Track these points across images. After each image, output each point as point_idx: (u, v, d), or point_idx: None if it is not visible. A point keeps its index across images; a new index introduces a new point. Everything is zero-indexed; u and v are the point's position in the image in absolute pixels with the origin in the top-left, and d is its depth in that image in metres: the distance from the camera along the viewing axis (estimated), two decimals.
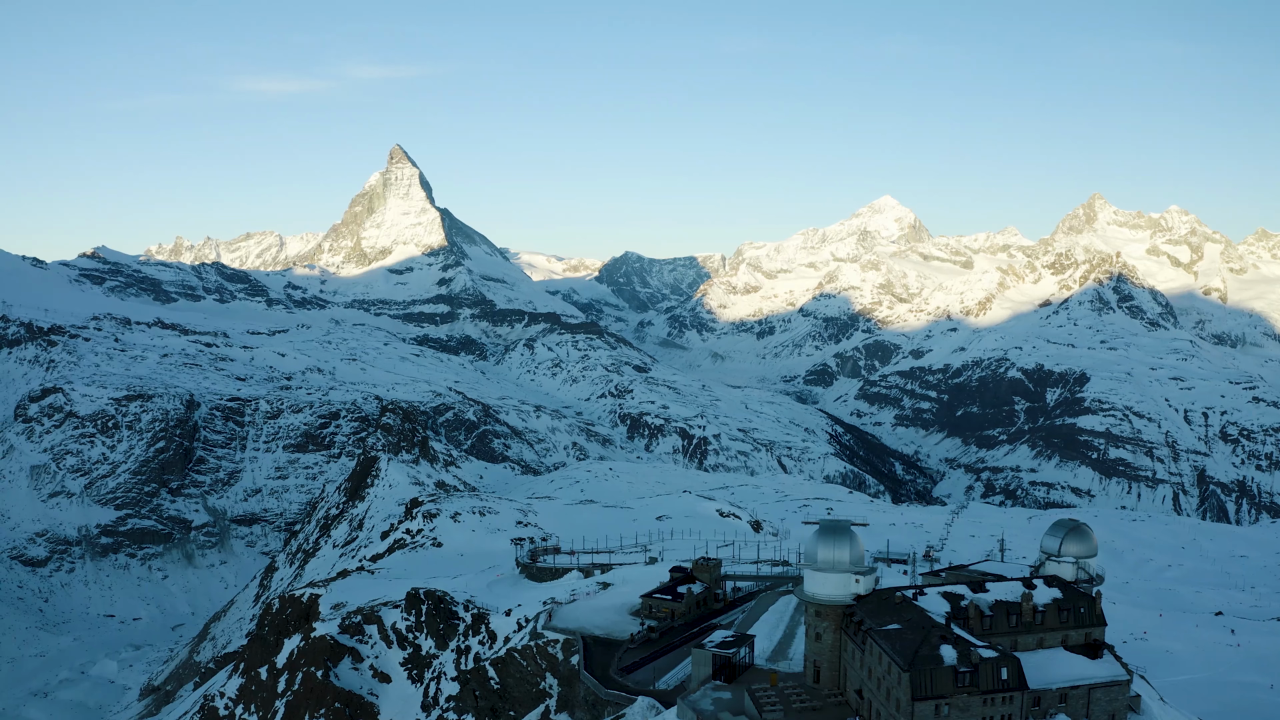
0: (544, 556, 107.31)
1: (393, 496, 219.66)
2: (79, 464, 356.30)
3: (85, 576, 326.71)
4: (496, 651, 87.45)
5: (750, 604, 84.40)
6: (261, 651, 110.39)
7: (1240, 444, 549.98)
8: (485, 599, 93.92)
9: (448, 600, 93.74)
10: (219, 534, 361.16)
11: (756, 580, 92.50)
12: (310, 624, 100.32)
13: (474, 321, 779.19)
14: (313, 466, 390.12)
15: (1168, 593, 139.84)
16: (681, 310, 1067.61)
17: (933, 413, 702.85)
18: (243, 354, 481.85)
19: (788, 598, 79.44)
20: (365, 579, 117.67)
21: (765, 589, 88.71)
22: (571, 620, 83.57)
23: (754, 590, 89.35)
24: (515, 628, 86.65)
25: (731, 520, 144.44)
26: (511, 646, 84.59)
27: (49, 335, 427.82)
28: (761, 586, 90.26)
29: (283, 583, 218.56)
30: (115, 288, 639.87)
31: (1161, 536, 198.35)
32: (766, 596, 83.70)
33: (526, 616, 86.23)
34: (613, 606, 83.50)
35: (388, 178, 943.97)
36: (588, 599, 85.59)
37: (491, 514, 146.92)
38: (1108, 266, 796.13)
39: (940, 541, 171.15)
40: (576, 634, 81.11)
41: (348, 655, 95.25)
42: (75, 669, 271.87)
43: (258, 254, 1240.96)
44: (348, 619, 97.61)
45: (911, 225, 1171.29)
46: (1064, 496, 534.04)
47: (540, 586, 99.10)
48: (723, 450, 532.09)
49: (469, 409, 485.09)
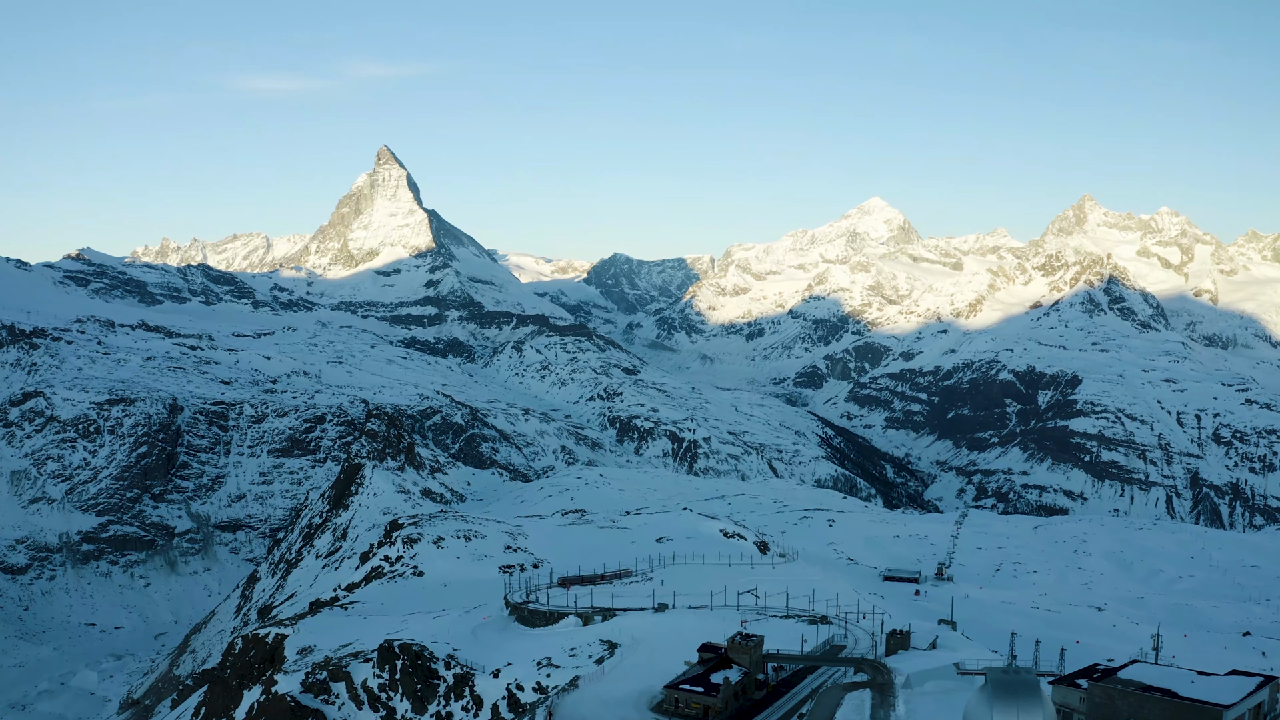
0: (536, 594, 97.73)
1: (377, 505, 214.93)
2: (60, 469, 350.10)
3: (66, 584, 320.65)
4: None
5: (800, 691, 68.63)
6: (222, 697, 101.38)
7: (1233, 446, 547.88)
8: (470, 652, 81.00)
9: (426, 655, 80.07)
10: (202, 540, 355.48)
11: (804, 659, 73.66)
12: (273, 675, 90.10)
13: (462, 323, 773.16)
14: (298, 471, 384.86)
15: (1185, 608, 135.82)
16: (670, 312, 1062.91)
17: (923, 415, 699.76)
18: (228, 357, 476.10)
19: (860, 695, 65.10)
20: (337, 616, 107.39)
21: (811, 665, 72.80)
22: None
23: (799, 670, 72.45)
24: (504, 695, 77.28)
25: (736, 541, 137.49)
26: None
27: (31, 338, 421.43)
28: (808, 664, 73.55)
29: (264, 594, 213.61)
30: (100, 290, 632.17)
31: (1169, 546, 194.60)
32: (829, 693, 66.96)
33: (519, 682, 75.00)
34: (627, 698, 66.94)
35: (375, 179, 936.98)
36: (593, 683, 70.17)
37: (478, 538, 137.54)
38: (1098, 268, 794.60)
39: (948, 556, 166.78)
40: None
41: (311, 718, 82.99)
42: (55, 680, 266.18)
43: (244, 255, 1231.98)
44: (312, 674, 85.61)
45: (901, 227, 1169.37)
46: (1056, 500, 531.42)
47: (532, 634, 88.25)
48: (713, 454, 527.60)
49: (457, 412, 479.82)
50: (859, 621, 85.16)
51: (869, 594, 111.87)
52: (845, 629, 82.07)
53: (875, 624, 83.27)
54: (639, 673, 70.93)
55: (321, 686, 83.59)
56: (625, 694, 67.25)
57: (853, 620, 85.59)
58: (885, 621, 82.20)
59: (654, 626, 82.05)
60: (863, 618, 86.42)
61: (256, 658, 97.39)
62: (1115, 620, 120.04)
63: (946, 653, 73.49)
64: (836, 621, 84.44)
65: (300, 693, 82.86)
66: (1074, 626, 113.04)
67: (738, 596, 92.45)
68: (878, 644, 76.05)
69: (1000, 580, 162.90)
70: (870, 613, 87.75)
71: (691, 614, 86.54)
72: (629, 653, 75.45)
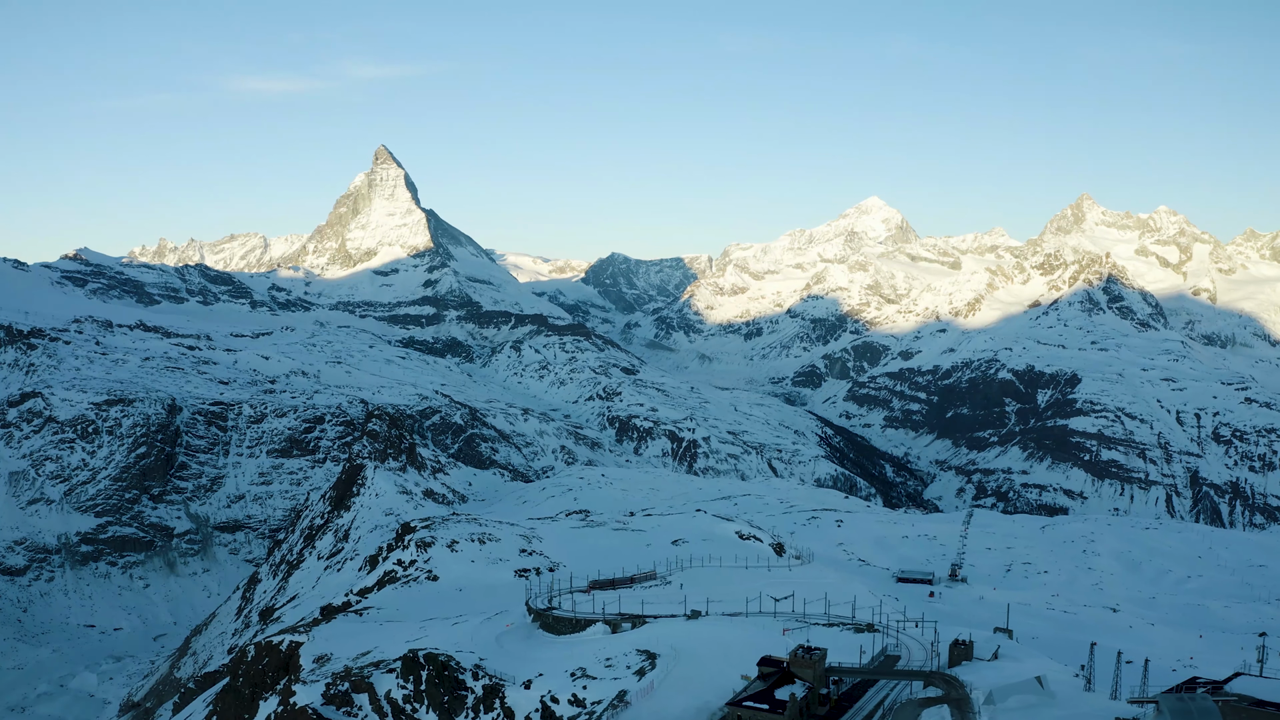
0: (560, 598, 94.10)
1: (379, 506, 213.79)
2: (58, 470, 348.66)
3: (65, 585, 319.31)
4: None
5: (864, 706, 65.28)
6: (235, 707, 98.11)
7: (1233, 445, 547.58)
8: (497, 662, 76.38)
9: (453, 666, 76.44)
10: (202, 541, 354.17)
11: (869, 672, 69.68)
12: (289, 684, 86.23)
13: (460, 323, 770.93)
14: (297, 472, 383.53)
15: (1197, 609, 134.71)
16: (669, 312, 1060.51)
17: (922, 414, 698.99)
18: (226, 357, 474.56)
19: (938, 711, 61.47)
20: (353, 623, 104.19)
21: (871, 678, 69.33)
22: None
23: (857, 683, 68.17)
24: (538, 707, 69.35)
25: (752, 543, 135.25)
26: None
27: (29, 338, 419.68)
28: (868, 676, 69.07)
29: (266, 596, 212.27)
30: (97, 290, 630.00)
31: (1176, 545, 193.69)
32: (904, 709, 63.30)
33: (553, 694, 70.12)
34: (685, 716, 63.75)
35: (372, 178, 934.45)
36: (645, 700, 66.16)
37: (492, 541, 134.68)
38: (1097, 267, 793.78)
39: (959, 556, 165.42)
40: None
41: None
42: (54, 682, 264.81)
43: (242, 255, 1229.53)
44: (334, 684, 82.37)
45: (899, 226, 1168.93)
46: (1056, 499, 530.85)
47: (560, 642, 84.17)
48: (713, 453, 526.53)
49: (456, 412, 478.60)
50: (903, 629, 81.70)
51: (885, 596, 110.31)
52: (897, 637, 78.50)
53: (926, 632, 79.42)
54: (691, 688, 68.12)
55: (344, 698, 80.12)
56: (682, 711, 64.75)
57: (894, 626, 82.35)
58: (938, 630, 78.57)
59: (691, 636, 78.20)
60: (915, 625, 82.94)
61: (270, 666, 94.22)
62: (1131, 621, 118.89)
63: (1013, 664, 68.95)
64: (882, 628, 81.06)
65: (322, 705, 79.56)
66: (1091, 628, 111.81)
67: (775, 603, 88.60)
68: (938, 654, 72.16)
69: (1012, 581, 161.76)
70: (921, 621, 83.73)
71: (727, 622, 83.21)
72: (672, 665, 72.00)
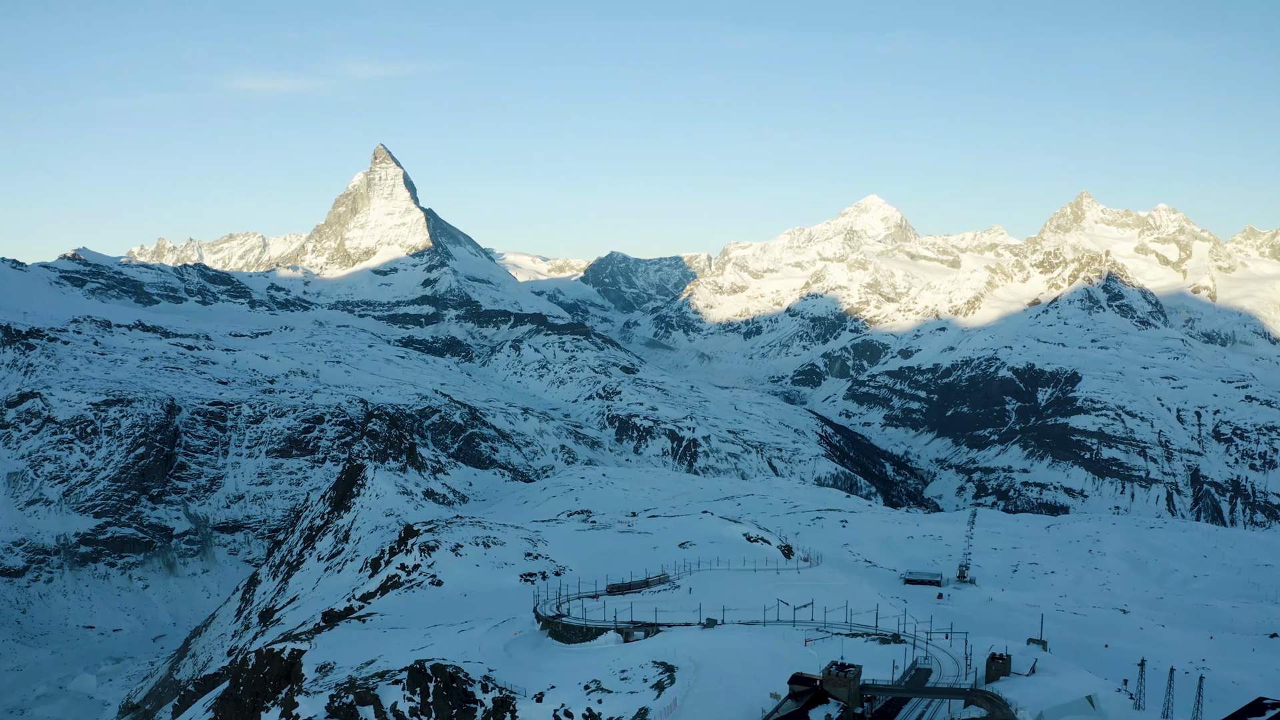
0: (569, 604, 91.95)
1: (380, 507, 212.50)
2: (57, 470, 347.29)
3: (64, 586, 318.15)
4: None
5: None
6: (236, 718, 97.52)
7: (1233, 443, 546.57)
8: (506, 673, 74.56)
9: (461, 677, 74.30)
10: (201, 542, 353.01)
11: (906, 691, 65.62)
12: (291, 694, 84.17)
13: (459, 323, 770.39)
14: (296, 472, 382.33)
15: (1205, 609, 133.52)
16: (668, 310, 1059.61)
17: (922, 413, 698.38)
18: (225, 357, 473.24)
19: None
20: (356, 630, 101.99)
21: (905, 695, 65.34)
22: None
23: (889, 700, 64.55)
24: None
25: (760, 545, 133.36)
26: None
27: (27, 339, 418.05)
28: (901, 693, 64.92)
29: (265, 597, 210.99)
30: (96, 290, 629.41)
31: (1181, 545, 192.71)
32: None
33: (567, 708, 67.79)
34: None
35: (371, 178, 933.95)
36: (668, 719, 63.41)
37: (497, 545, 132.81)
38: (1097, 265, 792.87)
39: (966, 557, 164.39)
40: None
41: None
42: (53, 684, 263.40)
43: (241, 255, 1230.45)
44: (338, 696, 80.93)
45: (898, 224, 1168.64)
46: (1057, 497, 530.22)
47: (570, 652, 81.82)
48: (713, 452, 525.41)
49: (455, 412, 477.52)
50: (930, 639, 78.22)
51: (893, 598, 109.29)
52: (926, 649, 74.94)
53: (958, 644, 75.78)
54: (716, 704, 65.98)
55: (348, 711, 78.02)
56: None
57: (921, 636, 78.79)
58: (969, 642, 75.40)
59: (710, 647, 75.90)
60: (945, 637, 79.43)
61: (272, 674, 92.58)
62: (1142, 623, 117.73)
63: (1054, 678, 65.74)
64: (909, 639, 77.81)
65: (326, 717, 77.70)
66: (1101, 630, 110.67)
67: (794, 612, 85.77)
68: (973, 668, 68.82)
69: (1019, 581, 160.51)
70: (950, 632, 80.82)
71: (745, 631, 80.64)
72: (692, 679, 69.60)
